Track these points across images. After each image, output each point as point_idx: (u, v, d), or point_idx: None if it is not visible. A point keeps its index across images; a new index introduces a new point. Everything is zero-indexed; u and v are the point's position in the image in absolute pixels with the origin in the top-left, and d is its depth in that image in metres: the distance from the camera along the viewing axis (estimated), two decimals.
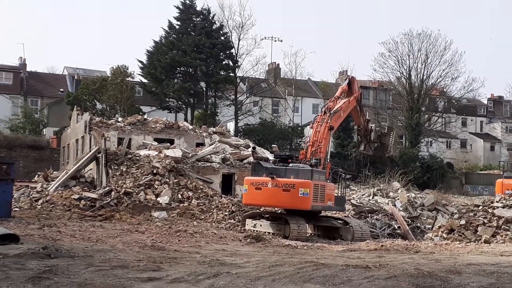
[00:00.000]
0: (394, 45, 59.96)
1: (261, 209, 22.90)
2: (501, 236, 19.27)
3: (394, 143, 26.36)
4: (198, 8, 56.49)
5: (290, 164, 20.65)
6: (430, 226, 23.00)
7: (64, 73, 74.43)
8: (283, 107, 65.98)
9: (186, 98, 54.66)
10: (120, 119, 37.79)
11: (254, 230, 20.58)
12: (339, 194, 21.86)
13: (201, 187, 27.02)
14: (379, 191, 28.05)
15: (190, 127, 37.03)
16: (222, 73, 54.79)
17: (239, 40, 56.76)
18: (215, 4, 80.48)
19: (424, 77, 59.95)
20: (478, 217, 20.73)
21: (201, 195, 26.18)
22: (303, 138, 50.01)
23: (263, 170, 20.38)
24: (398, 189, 28.47)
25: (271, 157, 25.39)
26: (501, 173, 62.73)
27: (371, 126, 25.85)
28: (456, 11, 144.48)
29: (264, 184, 19.91)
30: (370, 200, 26.89)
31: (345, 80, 24.99)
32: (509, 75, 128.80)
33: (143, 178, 26.47)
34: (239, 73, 57.99)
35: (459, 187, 55.60)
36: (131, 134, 33.01)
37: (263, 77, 65.56)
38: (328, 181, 21.01)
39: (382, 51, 62.15)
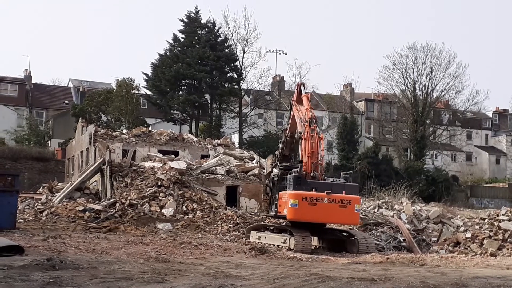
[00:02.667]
0: (399, 58, 60.10)
1: (266, 221, 22.82)
2: (507, 249, 19.16)
3: None
4: (203, 21, 56.68)
5: (331, 179, 20.55)
6: (435, 239, 22.90)
7: (69, 85, 74.61)
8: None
9: (190, 110, 54.73)
10: (125, 131, 37.85)
11: (258, 242, 20.50)
12: None
13: (206, 199, 26.99)
14: (384, 204, 27.96)
15: (195, 139, 37.07)
16: (227, 85, 54.90)
17: (243, 52, 56.93)
18: (220, 17, 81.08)
19: (429, 90, 60.03)
20: (483, 230, 20.63)
21: (205, 207, 26.15)
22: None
23: (306, 184, 19.86)
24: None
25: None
26: (507, 186, 62.72)
27: None
28: (460, 24, 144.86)
29: (319, 200, 19.42)
30: (375, 212, 26.80)
31: (302, 87, 24.09)
32: None
33: (147, 190, 26.47)
34: (244, 85, 58.12)
35: (465, 200, 55.40)
36: (136, 146, 33.05)
37: (268, 90, 65.66)
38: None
39: (387, 64, 62.36)
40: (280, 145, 25.13)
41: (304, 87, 24.13)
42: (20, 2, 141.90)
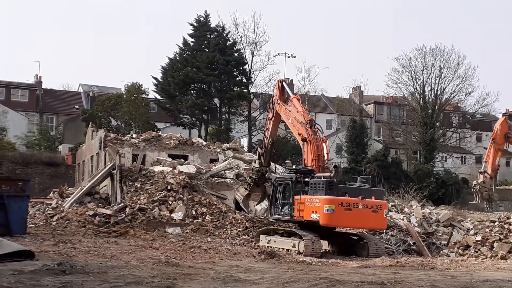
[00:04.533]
0: (408, 61, 59.89)
1: (275, 225, 22.80)
2: None
3: None
4: (212, 25, 56.88)
5: (356, 184, 20.43)
6: (445, 242, 22.83)
7: (79, 90, 75.07)
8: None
9: (200, 114, 54.89)
10: (134, 135, 38.00)
11: (268, 246, 20.47)
12: None
13: (215, 203, 27.01)
14: (393, 207, 27.88)
15: (204, 143, 37.15)
16: (236, 89, 55.01)
17: (252, 56, 57.12)
18: (229, 21, 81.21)
19: (438, 92, 59.79)
20: (494, 233, 20.56)
21: (215, 211, 26.18)
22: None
23: (338, 189, 19.62)
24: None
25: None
26: None
27: None
28: (469, 26, 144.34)
29: (355, 205, 19.28)
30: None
31: (285, 85, 23.56)
32: None
33: (157, 194, 26.54)
34: (253, 89, 58.25)
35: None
36: (146, 150, 33.19)
37: None
38: None
39: (396, 67, 62.10)
40: (257, 162, 24.60)
41: (287, 84, 23.73)
42: (29, 8, 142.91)
